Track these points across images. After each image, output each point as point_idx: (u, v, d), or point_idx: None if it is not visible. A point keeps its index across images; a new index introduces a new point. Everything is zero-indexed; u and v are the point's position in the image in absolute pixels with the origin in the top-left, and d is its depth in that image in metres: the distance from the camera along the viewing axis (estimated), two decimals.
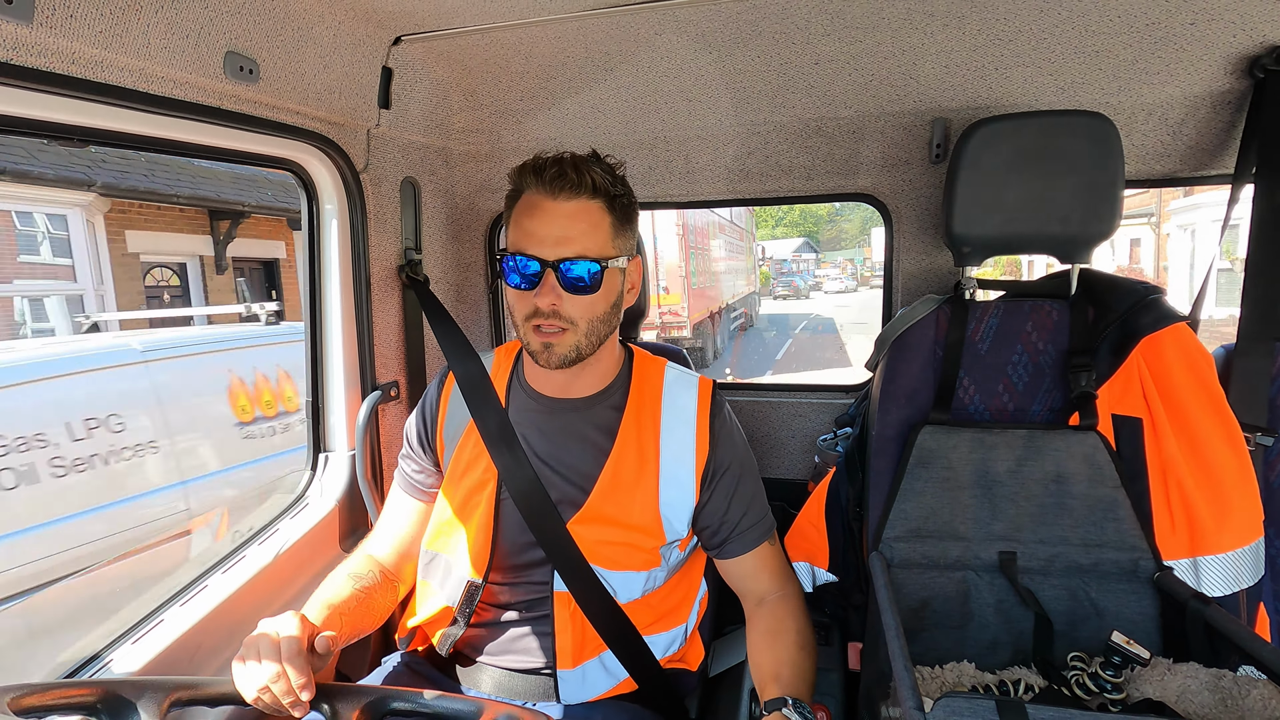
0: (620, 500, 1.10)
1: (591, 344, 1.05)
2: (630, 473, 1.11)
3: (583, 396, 1.15)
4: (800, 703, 0.96)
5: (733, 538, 1.14)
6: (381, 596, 1.16)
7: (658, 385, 1.17)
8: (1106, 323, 1.27)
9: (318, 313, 1.52)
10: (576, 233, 1.00)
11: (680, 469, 1.12)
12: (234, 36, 1.07)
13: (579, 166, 1.00)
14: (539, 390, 1.16)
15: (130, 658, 1.08)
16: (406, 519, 1.25)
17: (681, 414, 1.14)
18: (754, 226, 23.84)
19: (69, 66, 0.88)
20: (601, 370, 1.14)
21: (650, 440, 1.12)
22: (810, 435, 1.82)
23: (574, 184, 0.99)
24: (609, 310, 1.06)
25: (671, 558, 1.15)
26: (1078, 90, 1.44)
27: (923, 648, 1.21)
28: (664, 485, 1.11)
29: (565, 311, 1.01)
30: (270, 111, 1.21)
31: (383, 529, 1.27)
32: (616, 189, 1.04)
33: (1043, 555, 1.20)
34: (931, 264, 1.64)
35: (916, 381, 1.33)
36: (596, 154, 1.06)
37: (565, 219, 1.00)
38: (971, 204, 1.30)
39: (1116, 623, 1.16)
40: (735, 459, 1.15)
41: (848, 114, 1.58)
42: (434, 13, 1.30)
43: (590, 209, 1.01)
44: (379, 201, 1.55)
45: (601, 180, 1.01)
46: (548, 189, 1.00)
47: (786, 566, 1.20)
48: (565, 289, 1.00)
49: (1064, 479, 1.22)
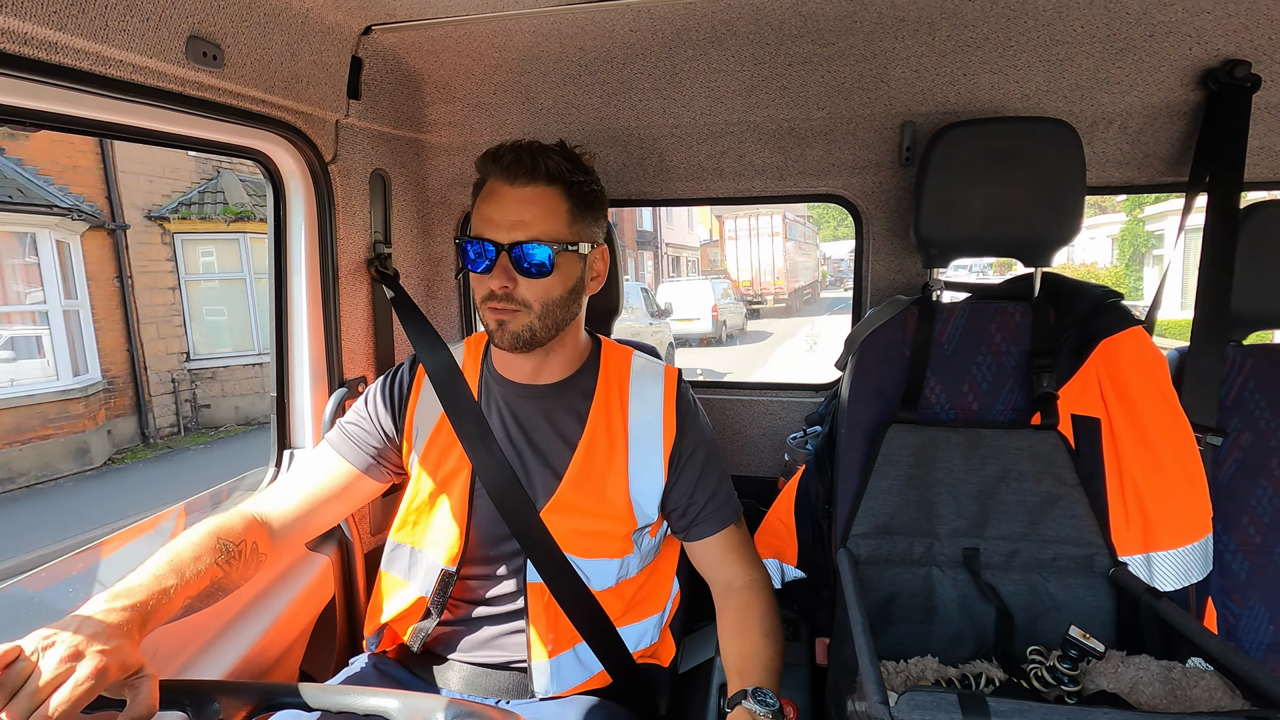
0: (592, 488, 1.11)
1: (546, 327, 1.06)
2: (601, 459, 1.12)
3: (551, 383, 1.15)
4: (762, 691, 0.96)
5: (700, 519, 1.15)
6: (237, 575, 0.99)
7: (625, 373, 1.18)
8: (1067, 325, 1.31)
9: (283, 307, 1.49)
10: (530, 217, 1.02)
11: (649, 454, 1.13)
12: (197, 20, 1.04)
13: (535, 153, 1.02)
14: (507, 377, 1.17)
15: None
16: (327, 481, 1.15)
17: (649, 401, 1.16)
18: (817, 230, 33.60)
19: (20, 47, 0.85)
20: (567, 357, 1.15)
21: (619, 427, 1.13)
22: (780, 433, 1.83)
23: (529, 170, 1.01)
24: (566, 295, 1.06)
25: (643, 544, 1.16)
26: (1042, 98, 1.47)
27: (888, 642, 1.23)
28: (633, 471, 1.12)
29: (519, 294, 1.03)
30: (235, 99, 1.18)
31: (291, 485, 1.14)
32: (576, 176, 1.05)
33: (1004, 551, 1.23)
34: (901, 265, 1.67)
35: (885, 381, 1.35)
36: (564, 144, 1.08)
37: (520, 204, 1.02)
38: (939, 207, 1.32)
39: (1074, 616, 1.20)
40: (700, 442, 1.16)
41: (820, 116, 1.59)
42: (405, 3, 1.28)
43: (546, 194, 1.03)
44: (348, 193, 1.52)
45: (558, 167, 1.02)
46: (505, 175, 1.03)
47: (754, 552, 1.21)
48: (519, 272, 1.02)
49: (1025, 477, 1.25)
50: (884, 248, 1.67)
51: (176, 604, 0.86)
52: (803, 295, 25.91)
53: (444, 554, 1.13)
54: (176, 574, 0.87)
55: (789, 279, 23.35)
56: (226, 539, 0.97)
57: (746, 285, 22.55)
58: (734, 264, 23.40)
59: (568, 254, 1.05)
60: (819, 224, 41.42)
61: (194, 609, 0.93)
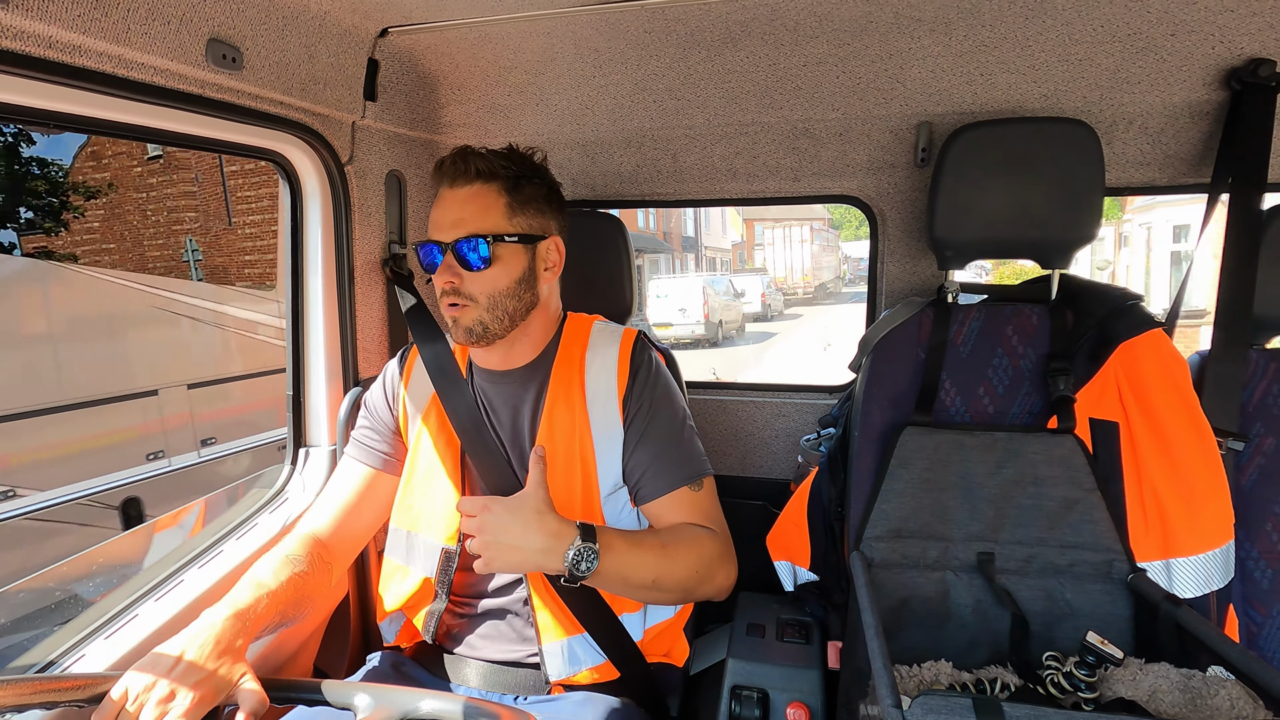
0: (559, 456, 1.14)
1: (497, 318, 1.10)
2: (563, 428, 1.15)
3: (519, 367, 1.19)
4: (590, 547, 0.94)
5: (645, 479, 1.13)
6: (315, 584, 1.11)
7: (584, 341, 1.21)
8: (1085, 328, 1.29)
9: (299, 306, 1.50)
10: (468, 214, 1.08)
11: (605, 415, 1.15)
12: (217, 23, 1.06)
13: (466, 156, 1.09)
14: (483, 366, 1.22)
15: (104, 652, 1.06)
16: (354, 488, 1.23)
17: (604, 363, 1.18)
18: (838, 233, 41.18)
19: (45, 50, 0.86)
20: (533, 341, 1.19)
21: (577, 393, 1.16)
22: (793, 435, 1.83)
23: (463, 171, 1.09)
24: (513, 285, 1.11)
25: (622, 514, 1.15)
26: (1060, 97, 1.46)
27: (901, 647, 1.22)
28: (596, 435, 1.14)
29: (465, 289, 1.09)
30: (253, 101, 1.20)
31: (327, 501, 1.23)
32: (511, 171, 1.11)
33: (1020, 556, 1.22)
34: (916, 267, 1.65)
35: (899, 383, 1.34)
36: (512, 147, 1.14)
37: (458, 203, 1.09)
38: (954, 208, 1.31)
39: (1091, 623, 1.18)
40: (652, 399, 1.16)
41: (835, 116, 1.59)
42: (421, 5, 1.29)
43: (482, 191, 1.09)
44: (363, 194, 1.54)
45: (490, 165, 1.09)
46: (447, 179, 1.11)
47: (717, 516, 1.17)
48: (463, 267, 1.08)
49: (1041, 481, 1.23)
50: (899, 249, 1.66)
51: (271, 612, 0.98)
52: (826, 289, 33.92)
53: (441, 533, 1.16)
54: (263, 588, 1.00)
55: (814, 276, 33.31)
56: (293, 556, 1.10)
57: (781, 281, 30.44)
58: (772, 265, 32.92)
59: (508, 245, 1.09)
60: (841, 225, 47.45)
61: (289, 617, 1.04)
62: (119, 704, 0.78)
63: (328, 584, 1.16)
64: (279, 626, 1.04)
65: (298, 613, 1.07)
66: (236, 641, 0.89)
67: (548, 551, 0.93)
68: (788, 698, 1.26)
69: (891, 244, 1.66)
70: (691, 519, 1.14)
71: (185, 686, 0.81)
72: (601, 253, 1.55)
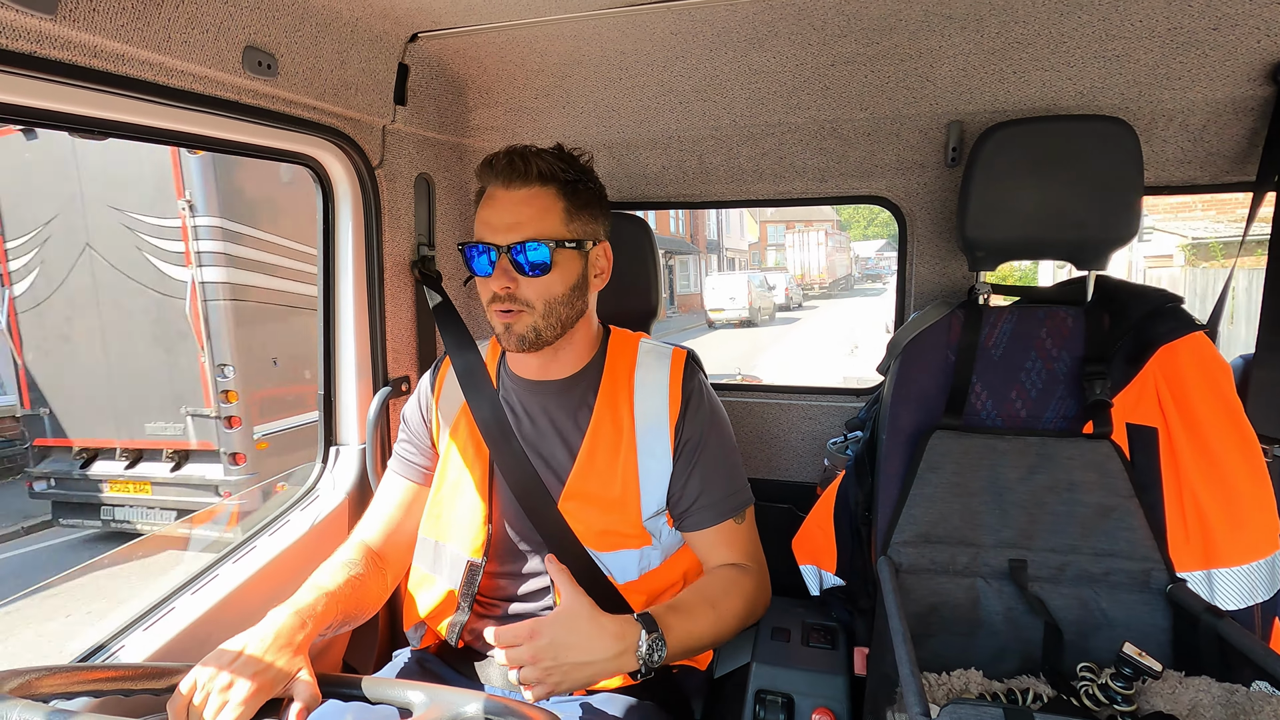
0: (600, 476, 1.12)
1: (551, 325, 1.08)
2: (607, 447, 1.13)
3: (561, 378, 1.18)
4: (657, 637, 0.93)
5: (693, 510, 1.14)
6: (373, 585, 1.16)
7: (631, 359, 1.19)
8: (1122, 330, 1.26)
9: (330, 307, 1.53)
10: (526, 218, 1.04)
11: (655, 439, 1.13)
12: (253, 31, 1.08)
13: (526, 156, 1.04)
14: (520, 374, 1.20)
15: (143, 643, 1.09)
16: (397, 501, 1.26)
17: (655, 384, 1.16)
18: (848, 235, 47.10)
19: (90, 59, 0.89)
20: (577, 353, 1.17)
21: (625, 413, 1.14)
22: (820, 438, 1.81)
23: (522, 172, 1.04)
24: (568, 292, 1.08)
25: (662, 535, 1.16)
26: (1096, 95, 1.42)
27: (930, 654, 1.20)
28: (642, 456, 1.13)
29: (521, 294, 1.05)
30: (287, 106, 1.22)
31: (374, 513, 1.27)
32: (569, 175, 1.07)
33: (1053, 564, 1.19)
34: (945, 269, 1.63)
35: (928, 386, 1.32)
36: (560, 147, 1.10)
37: (516, 205, 1.04)
38: (986, 208, 1.29)
39: (1128, 634, 1.15)
40: (703, 428, 1.15)
41: (863, 116, 1.57)
42: (450, 10, 1.31)
43: (540, 194, 1.05)
44: (393, 197, 1.56)
45: (550, 167, 1.05)
46: (500, 179, 1.05)
47: (755, 548, 1.18)
48: (519, 271, 1.04)
49: (1076, 487, 1.21)
50: (928, 250, 1.63)
51: (332, 611, 1.01)
52: (839, 285, 40.80)
53: (468, 546, 1.16)
54: (322, 590, 1.03)
55: (829, 274, 38.21)
56: (350, 560, 1.14)
57: (800, 278, 35.68)
58: (791, 264, 37.30)
59: (566, 251, 1.06)
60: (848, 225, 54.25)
61: (351, 616, 1.08)
62: (188, 696, 0.83)
63: (383, 587, 1.19)
64: (343, 625, 1.07)
65: (359, 612, 1.11)
66: (296, 637, 0.92)
67: (621, 656, 0.91)
68: (813, 703, 1.24)
69: (920, 245, 1.64)
70: (731, 553, 1.15)
71: (245, 676, 0.84)
72: (628, 255, 1.55)
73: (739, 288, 22.28)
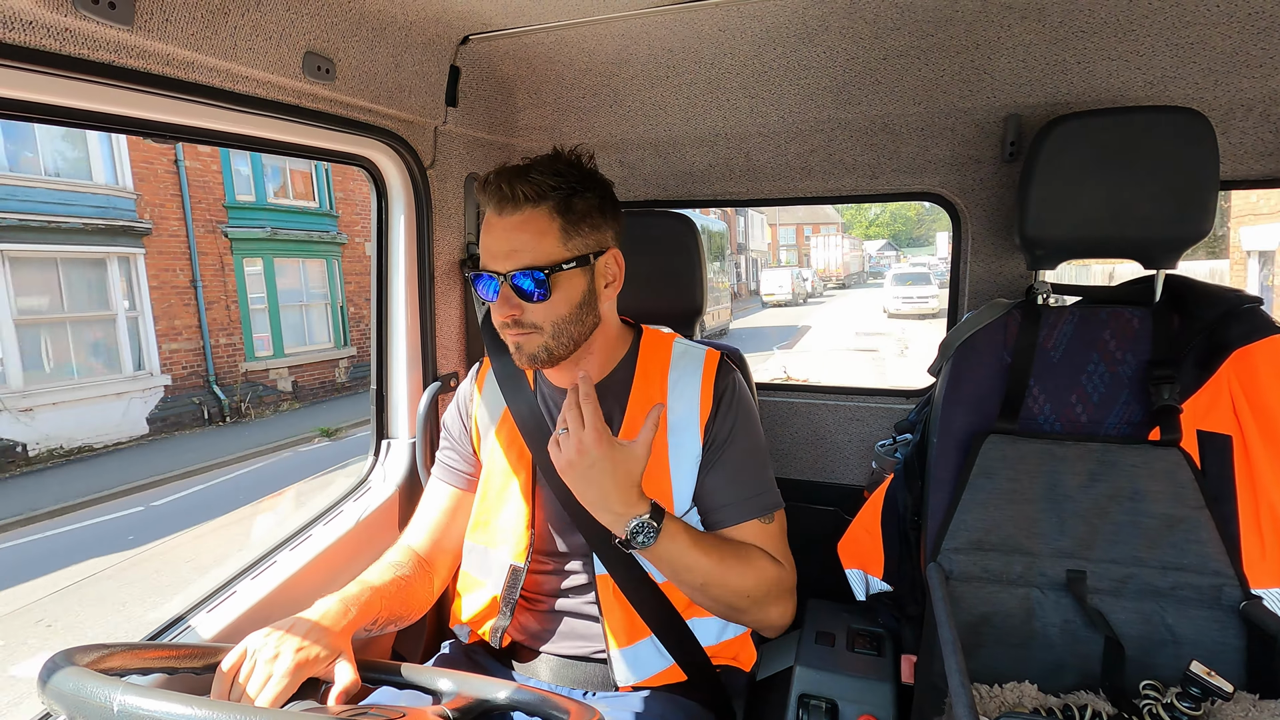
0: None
1: (562, 344, 1.08)
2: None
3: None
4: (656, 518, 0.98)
5: (719, 508, 1.13)
6: (419, 587, 1.19)
7: (665, 360, 1.19)
8: (1193, 332, 1.20)
9: (384, 304, 1.57)
10: (521, 244, 1.03)
11: (686, 438, 1.13)
12: (313, 37, 1.12)
13: (512, 180, 1.02)
14: (553, 382, 1.21)
15: (207, 624, 1.14)
16: (441, 507, 1.29)
17: (687, 384, 1.15)
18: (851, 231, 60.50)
19: (163, 68, 0.94)
20: (601, 359, 1.17)
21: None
22: (868, 440, 1.78)
23: (510, 197, 1.02)
24: (574, 310, 1.07)
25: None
26: (1168, 84, 1.35)
27: (980, 665, 1.17)
28: (673, 455, 1.13)
29: (527, 318, 1.05)
30: (344, 109, 1.26)
31: (419, 519, 1.30)
32: (563, 188, 1.03)
33: (1115, 576, 1.14)
34: (1002, 267, 1.58)
35: (982, 388, 1.28)
36: (557, 152, 1.07)
37: (510, 232, 1.03)
38: (1047, 204, 1.24)
39: (1195, 651, 1.09)
40: (733, 425, 1.14)
41: (916, 110, 1.53)
42: (501, 12, 1.33)
43: (533, 218, 1.03)
44: (443, 197, 1.59)
45: (537, 189, 1.02)
46: (494, 205, 1.04)
47: (783, 551, 1.16)
48: (521, 298, 1.04)
49: (1141, 497, 1.15)
50: (984, 248, 1.58)
51: (376, 604, 1.06)
52: (852, 278, 50.07)
53: (512, 550, 1.18)
54: (367, 584, 1.09)
55: (845, 269, 49.21)
56: (397, 561, 1.19)
57: (822, 272, 45.19)
58: (816, 261, 46.38)
59: (565, 273, 1.04)
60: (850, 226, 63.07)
61: (396, 615, 1.12)
62: (237, 663, 0.89)
63: (429, 591, 1.23)
64: (389, 624, 1.11)
65: (405, 613, 1.15)
66: (340, 623, 0.97)
67: (617, 515, 0.97)
68: (858, 710, 1.22)
69: (976, 243, 1.59)
70: (761, 546, 1.14)
71: (289, 652, 0.89)
72: (674, 253, 1.55)
73: (785, 279, 31.96)
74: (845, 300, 35.53)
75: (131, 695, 0.65)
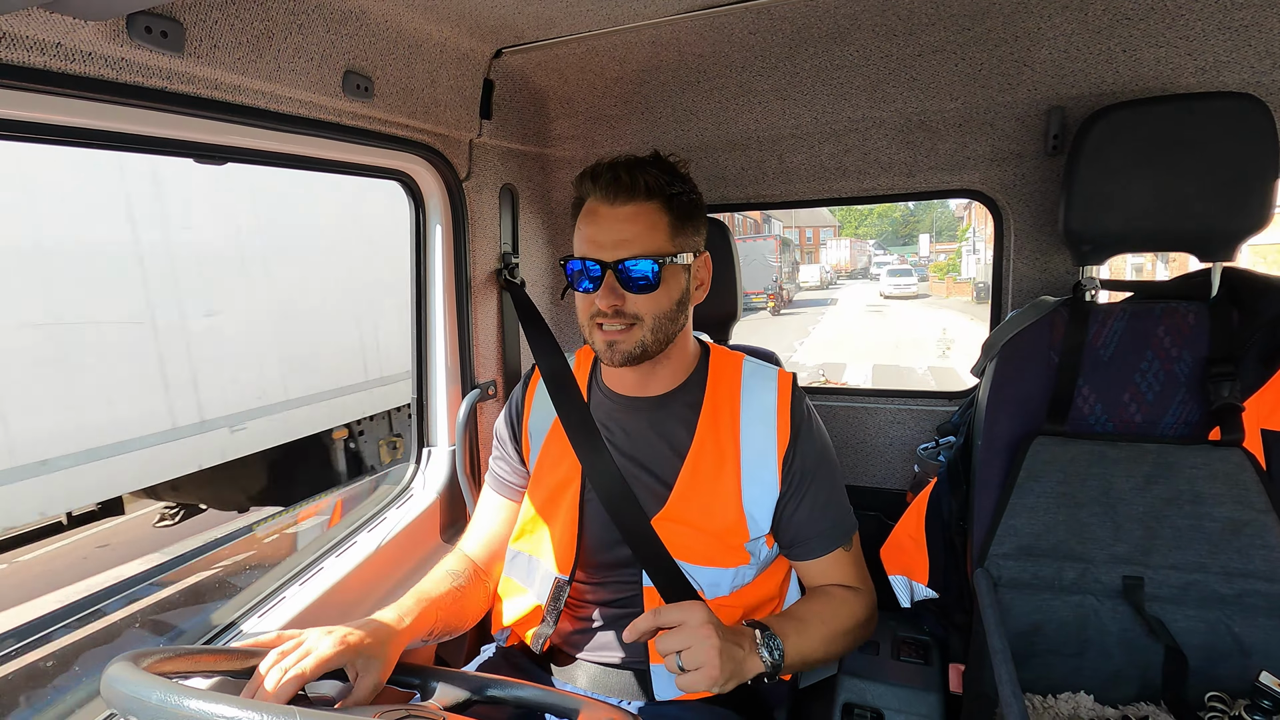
0: (701, 500, 1.10)
1: (658, 340, 1.07)
2: (709, 472, 1.11)
3: (657, 395, 1.16)
4: (771, 635, 0.94)
5: (801, 540, 1.12)
6: (475, 596, 1.20)
7: (735, 380, 1.16)
8: (1255, 328, 1.14)
9: (423, 315, 1.60)
10: (633, 234, 1.03)
11: (762, 464, 1.11)
12: (352, 56, 1.15)
13: (632, 170, 1.03)
14: (615, 390, 1.20)
15: (257, 628, 1.17)
16: (496, 517, 1.30)
17: (761, 408, 1.13)
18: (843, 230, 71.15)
19: (212, 92, 0.97)
20: (674, 368, 1.16)
21: (729, 437, 1.12)
22: (910, 443, 1.74)
23: (628, 187, 1.02)
24: (674, 307, 1.07)
25: (761, 554, 1.13)
26: (1221, 70, 1.30)
27: (1033, 675, 1.13)
28: (746, 483, 1.10)
29: (629, 309, 1.05)
30: (382, 125, 1.29)
31: (475, 528, 1.32)
32: (674, 188, 1.05)
33: (1175, 583, 1.10)
34: (1047, 264, 1.53)
35: (1029, 389, 1.24)
36: (658, 154, 1.09)
37: (622, 222, 1.03)
38: (1093, 198, 1.20)
39: (1265, 662, 1.04)
40: (814, 456, 1.12)
41: (954, 106, 1.50)
42: (533, 24, 1.35)
43: (646, 210, 1.04)
44: (479, 208, 1.62)
45: (656, 181, 1.03)
46: (604, 195, 1.04)
47: (863, 572, 1.16)
48: (626, 288, 1.04)
49: (1202, 499, 1.10)
50: (1027, 245, 1.54)
51: (431, 615, 1.07)
52: (857, 273, 57.16)
53: (557, 560, 1.17)
54: (422, 594, 1.10)
55: (852, 265, 57.69)
56: (453, 570, 1.20)
57: (835, 266, 53.50)
58: (830, 259, 55.22)
59: (672, 266, 1.05)
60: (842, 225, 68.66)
61: (452, 626, 1.13)
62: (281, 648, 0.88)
63: (485, 597, 1.24)
64: (444, 634, 1.12)
65: (460, 622, 1.16)
66: (389, 628, 0.97)
67: (749, 656, 0.91)
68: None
69: (1019, 240, 1.55)
70: (843, 578, 1.13)
71: (332, 639, 0.89)
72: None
73: (815, 272, 42.66)
74: (852, 289, 46.60)
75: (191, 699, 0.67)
